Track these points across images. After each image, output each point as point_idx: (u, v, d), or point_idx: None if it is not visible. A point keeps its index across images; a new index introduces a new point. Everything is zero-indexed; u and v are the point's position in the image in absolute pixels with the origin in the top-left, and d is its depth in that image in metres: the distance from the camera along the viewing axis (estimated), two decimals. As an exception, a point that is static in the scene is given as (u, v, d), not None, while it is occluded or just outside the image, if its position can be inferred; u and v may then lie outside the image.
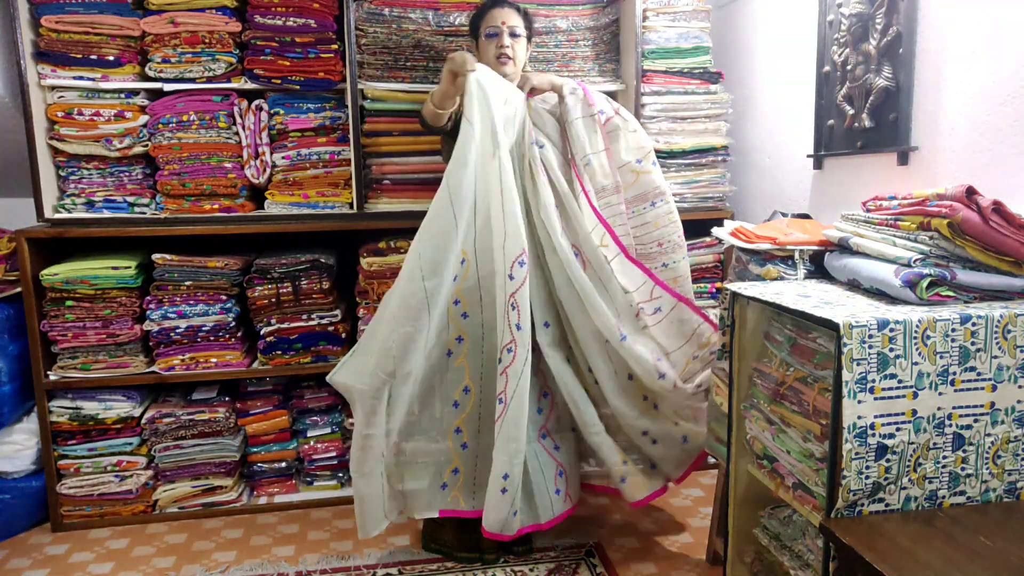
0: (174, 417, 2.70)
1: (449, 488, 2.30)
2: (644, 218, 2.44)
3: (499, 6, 2.40)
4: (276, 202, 2.75)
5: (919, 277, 1.51)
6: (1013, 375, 1.45)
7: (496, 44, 2.37)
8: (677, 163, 2.88)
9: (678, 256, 2.47)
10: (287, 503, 2.81)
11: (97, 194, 2.68)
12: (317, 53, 2.66)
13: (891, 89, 2.20)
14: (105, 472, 2.68)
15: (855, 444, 1.40)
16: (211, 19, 2.61)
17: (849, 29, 2.36)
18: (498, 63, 2.37)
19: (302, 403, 2.86)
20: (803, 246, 1.93)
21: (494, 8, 2.39)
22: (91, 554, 2.51)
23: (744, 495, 1.93)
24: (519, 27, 2.39)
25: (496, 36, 2.37)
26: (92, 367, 2.64)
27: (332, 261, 2.78)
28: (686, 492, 2.85)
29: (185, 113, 2.65)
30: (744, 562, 1.96)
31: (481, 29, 2.41)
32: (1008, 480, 1.48)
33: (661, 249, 2.45)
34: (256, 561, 2.43)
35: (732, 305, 1.87)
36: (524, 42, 2.43)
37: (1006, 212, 1.53)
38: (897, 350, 1.41)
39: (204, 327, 2.68)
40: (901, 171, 2.21)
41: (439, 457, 2.30)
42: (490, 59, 2.39)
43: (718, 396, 2.14)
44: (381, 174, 2.78)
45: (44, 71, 2.58)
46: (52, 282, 2.57)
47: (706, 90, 2.90)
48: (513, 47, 2.37)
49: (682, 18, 2.87)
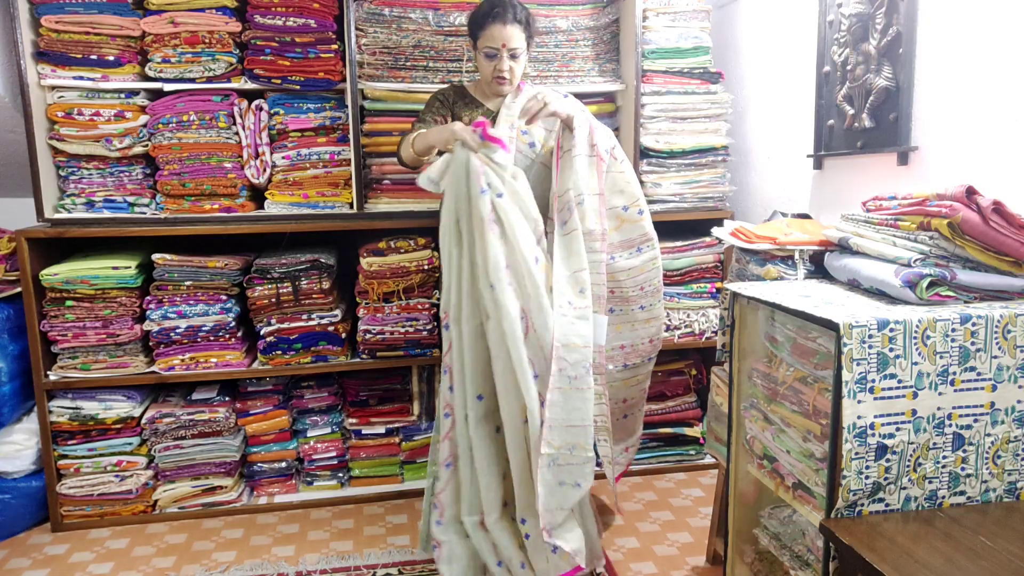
0: (174, 417, 2.70)
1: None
2: (629, 263, 2.35)
3: (500, 21, 2.23)
4: (276, 202, 2.75)
5: (919, 277, 1.51)
6: (1013, 375, 1.45)
7: (494, 66, 2.29)
8: (677, 163, 2.88)
9: (655, 300, 2.42)
10: (287, 503, 2.81)
11: (97, 194, 2.68)
12: (317, 53, 2.66)
13: (891, 89, 2.20)
14: (105, 472, 2.68)
15: (855, 444, 1.40)
16: (211, 19, 2.61)
17: (849, 29, 2.36)
18: (495, 83, 2.32)
19: (302, 403, 2.86)
20: (803, 246, 1.93)
21: (495, 24, 2.24)
22: (91, 554, 2.51)
23: (744, 495, 1.93)
24: (520, 46, 2.28)
25: (494, 59, 2.28)
26: (92, 367, 2.64)
27: (332, 261, 2.78)
28: (686, 492, 2.85)
29: (185, 113, 2.65)
30: (744, 562, 1.96)
31: (479, 41, 2.30)
32: (1008, 480, 1.48)
33: (642, 293, 2.39)
34: (256, 561, 2.43)
35: (732, 305, 1.87)
36: (524, 56, 2.33)
37: (1006, 212, 1.52)
38: (897, 350, 1.41)
39: (204, 327, 2.68)
40: (901, 171, 2.21)
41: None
42: (486, 76, 2.33)
43: (718, 396, 2.14)
44: (381, 174, 2.78)
45: (44, 71, 2.58)
46: (52, 282, 2.57)
47: (706, 90, 2.90)
48: (512, 69, 2.30)
49: (682, 18, 2.87)
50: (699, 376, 3.07)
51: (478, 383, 2.11)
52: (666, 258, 2.87)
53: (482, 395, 2.11)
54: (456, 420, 2.13)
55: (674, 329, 2.91)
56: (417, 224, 2.76)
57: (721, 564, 2.01)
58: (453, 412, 2.14)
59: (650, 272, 2.40)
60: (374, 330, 2.75)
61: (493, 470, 2.13)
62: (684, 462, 3.05)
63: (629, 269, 2.36)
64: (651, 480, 2.96)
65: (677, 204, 2.91)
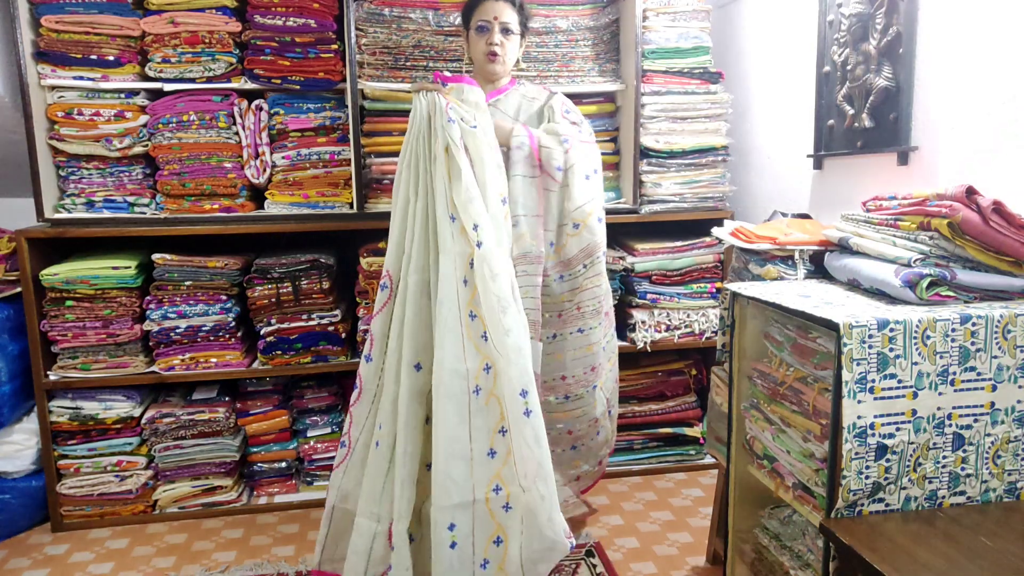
0: (174, 417, 2.70)
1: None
2: (574, 282, 2.29)
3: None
4: (276, 202, 2.75)
5: (919, 277, 1.51)
6: (1013, 375, 1.45)
7: (486, 40, 2.28)
8: (677, 163, 2.88)
9: (594, 323, 2.33)
10: (287, 503, 2.81)
11: (97, 194, 2.68)
12: (317, 53, 2.66)
13: (891, 89, 2.20)
14: (105, 472, 2.68)
15: (855, 444, 1.40)
16: (211, 19, 2.61)
17: (849, 29, 2.36)
18: (486, 60, 2.30)
19: (302, 403, 2.86)
20: (803, 246, 1.93)
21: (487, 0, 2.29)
22: (91, 554, 2.51)
23: (744, 495, 1.93)
24: (512, 23, 2.30)
25: (486, 31, 2.28)
26: (92, 367, 2.64)
27: (332, 261, 2.78)
28: (686, 492, 2.85)
29: (185, 113, 2.65)
30: (744, 562, 1.96)
31: (472, 21, 2.31)
32: (1008, 480, 1.48)
33: (579, 313, 2.31)
34: (256, 561, 2.43)
35: (732, 305, 1.87)
36: (517, 39, 2.34)
37: (1006, 212, 1.52)
38: (897, 350, 1.41)
39: (204, 327, 2.68)
40: (901, 171, 2.21)
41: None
42: (478, 55, 2.32)
43: (718, 396, 2.14)
44: (381, 174, 2.78)
45: (44, 71, 2.58)
46: (52, 282, 2.57)
47: (706, 90, 2.90)
48: (504, 44, 2.29)
49: (682, 18, 2.87)
50: (699, 376, 3.07)
51: (417, 350, 1.87)
52: (666, 258, 2.88)
53: (420, 365, 1.87)
54: (365, 393, 1.91)
55: (674, 329, 2.91)
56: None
57: (721, 564, 2.01)
58: (362, 384, 1.94)
59: (590, 291, 2.30)
60: (374, 330, 2.75)
61: (414, 467, 1.88)
62: (684, 462, 3.05)
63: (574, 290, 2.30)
64: (651, 480, 2.96)
65: (677, 204, 2.91)
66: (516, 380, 1.85)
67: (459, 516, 1.82)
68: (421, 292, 1.89)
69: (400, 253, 1.94)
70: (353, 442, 1.98)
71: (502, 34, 2.29)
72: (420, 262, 1.89)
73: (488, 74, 2.36)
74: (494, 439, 1.84)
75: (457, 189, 1.86)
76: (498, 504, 1.85)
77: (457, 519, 1.82)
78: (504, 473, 1.85)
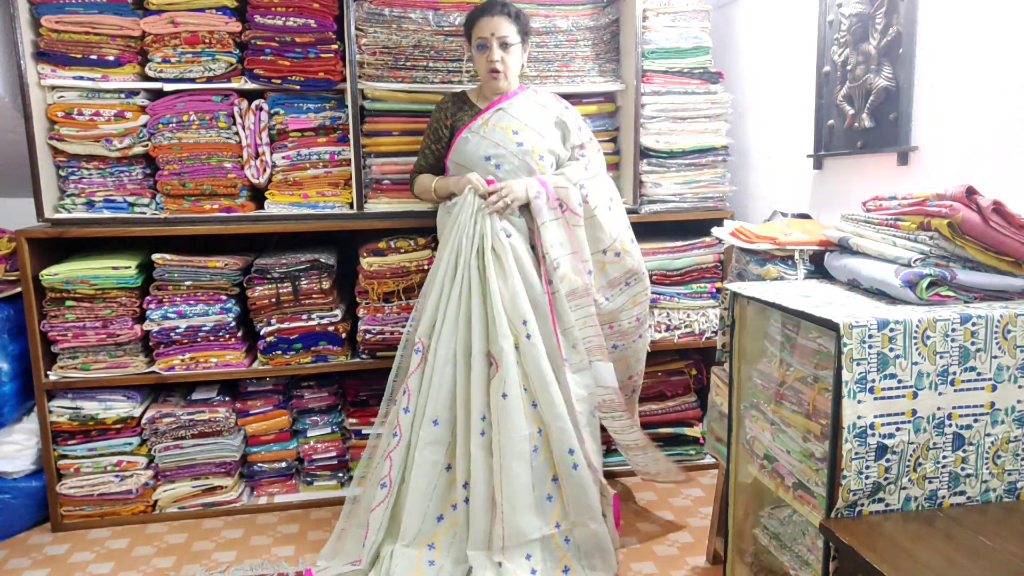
0: (174, 417, 2.70)
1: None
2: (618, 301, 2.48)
3: (488, 14, 2.33)
4: (276, 202, 2.75)
5: (919, 277, 1.51)
6: (1013, 375, 1.45)
7: (487, 58, 2.34)
8: (677, 163, 2.88)
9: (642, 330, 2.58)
10: (287, 503, 2.81)
11: (97, 194, 2.68)
12: (317, 53, 2.66)
13: (891, 89, 2.20)
14: (105, 472, 2.68)
15: (855, 444, 1.40)
16: (211, 19, 2.61)
17: (849, 29, 2.36)
18: (490, 77, 2.37)
19: (302, 403, 2.86)
20: (803, 246, 1.93)
21: (483, 16, 2.34)
22: (91, 554, 2.51)
23: (744, 495, 1.93)
24: (510, 35, 2.34)
25: (486, 48, 2.34)
26: (92, 367, 2.64)
27: (332, 261, 2.78)
28: (686, 492, 2.85)
29: (185, 113, 2.65)
30: (744, 562, 1.96)
31: (472, 38, 2.38)
32: (1008, 480, 1.48)
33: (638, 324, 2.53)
34: (256, 561, 2.43)
35: (732, 305, 1.87)
36: (518, 50, 2.39)
37: (1006, 212, 1.53)
38: (897, 350, 1.41)
39: (204, 327, 2.68)
40: (901, 171, 2.21)
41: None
42: (482, 72, 2.39)
43: (718, 396, 2.14)
44: (381, 174, 2.78)
45: (44, 71, 2.58)
46: (52, 282, 2.57)
47: (706, 90, 2.90)
48: (504, 60, 2.35)
49: (682, 18, 2.87)
50: (699, 376, 3.07)
51: (438, 408, 2.22)
52: (666, 258, 2.88)
53: (438, 421, 2.22)
54: (402, 442, 2.23)
55: (674, 329, 2.91)
56: (417, 224, 2.76)
57: (721, 564, 2.01)
58: (401, 433, 2.24)
59: (642, 304, 2.53)
60: (374, 330, 2.75)
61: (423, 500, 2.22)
62: (684, 462, 3.05)
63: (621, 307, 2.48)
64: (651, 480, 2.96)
65: (677, 204, 2.91)
66: (563, 441, 2.20)
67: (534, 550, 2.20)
68: (446, 361, 2.22)
69: (431, 325, 2.26)
70: (394, 483, 2.24)
71: (501, 49, 2.34)
72: (449, 337, 2.22)
73: (493, 89, 2.44)
74: (550, 486, 2.22)
75: (506, 286, 2.21)
76: (560, 538, 2.24)
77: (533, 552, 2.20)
78: (559, 512, 2.23)
